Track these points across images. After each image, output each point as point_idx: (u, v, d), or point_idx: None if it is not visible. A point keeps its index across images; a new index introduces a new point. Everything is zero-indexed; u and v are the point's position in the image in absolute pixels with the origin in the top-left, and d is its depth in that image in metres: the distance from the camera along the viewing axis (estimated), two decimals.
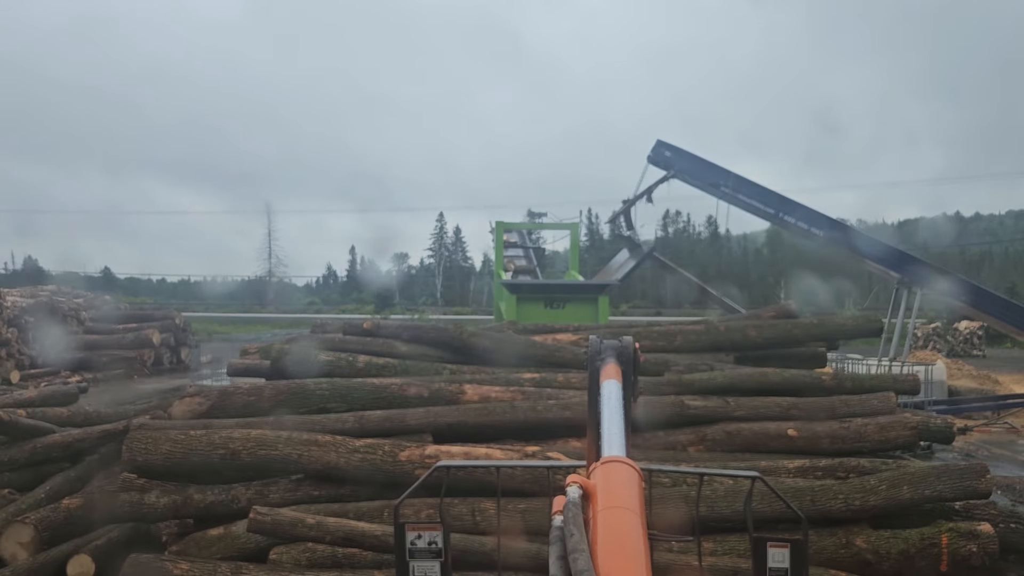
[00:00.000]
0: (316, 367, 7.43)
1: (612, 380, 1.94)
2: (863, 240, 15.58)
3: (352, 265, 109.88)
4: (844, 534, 5.15)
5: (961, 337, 36.96)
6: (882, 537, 5.12)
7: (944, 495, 5.09)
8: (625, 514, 1.48)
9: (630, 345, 2.03)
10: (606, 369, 2.00)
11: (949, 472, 5.13)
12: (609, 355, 2.02)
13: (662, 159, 14.98)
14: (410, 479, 5.49)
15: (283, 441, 5.60)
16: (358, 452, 5.55)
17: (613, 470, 1.63)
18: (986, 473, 5.12)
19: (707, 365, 7.60)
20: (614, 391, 1.91)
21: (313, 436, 5.66)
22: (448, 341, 7.94)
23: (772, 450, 6.35)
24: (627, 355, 2.01)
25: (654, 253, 16.37)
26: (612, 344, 2.05)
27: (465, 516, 5.25)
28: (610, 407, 1.87)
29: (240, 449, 5.60)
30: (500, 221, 17.98)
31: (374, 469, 5.50)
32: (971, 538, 5.00)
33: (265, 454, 5.58)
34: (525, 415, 6.32)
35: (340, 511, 5.41)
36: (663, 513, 5.06)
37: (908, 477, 5.11)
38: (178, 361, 24.24)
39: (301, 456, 5.55)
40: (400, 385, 6.84)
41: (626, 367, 2.00)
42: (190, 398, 6.83)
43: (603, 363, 2.03)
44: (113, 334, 22.90)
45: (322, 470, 5.57)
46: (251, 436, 5.65)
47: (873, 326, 8.49)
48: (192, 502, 5.71)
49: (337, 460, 5.53)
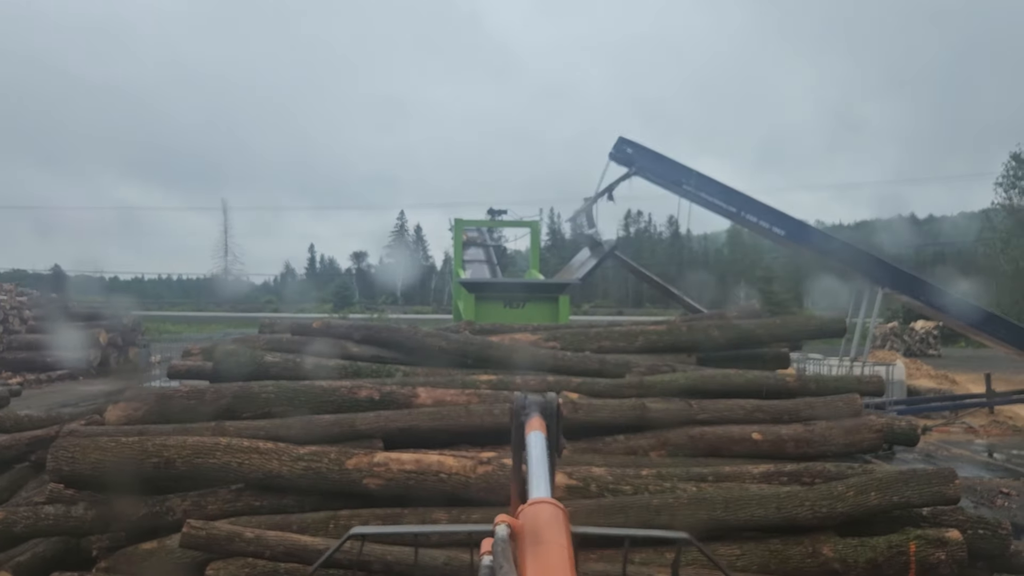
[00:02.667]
0: (262, 369, 7.08)
1: (537, 431, 2.00)
2: (825, 239, 15.56)
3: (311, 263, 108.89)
4: (811, 543, 4.95)
5: (917, 337, 37.53)
6: (849, 545, 4.93)
7: (912, 501, 4.91)
8: (553, 548, 1.52)
9: (554, 401, 2.11)
10: (530, 423, 2.06)
11: (917, 478, 4.96)
12: (533, 411, 2.09)
13: (624, 156, 14.79)
14: (357, 488, 5.19)
15: (222, 448, 5.25)
16: (302, 460, 5.22)
17: (540, 510, 1.66)
18: (954, 478, 4.96)
19: (669, 366, 7.38)
20: (539, 440, 1.97)
21: (254, 443, 5.31)
22: (402, 341, 7.62)
23: (736, 454, 6.15)
24: (551, 410, 2.09)
25: (616, 252, 16.15)
26: (536, 400, 2.11)
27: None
28: (535, 454, 1.92)
29: (175, 457, 5.23)
30: (459, 218, 17.70)
31: (319, 478, 5.18)
32: (939, 545, 4.83)
33: (202, 462, 5.22)
34: (481, 419, 6.04)
35: (283, 523, 5.08)
36: (624, 525, 4.84)
37: (875, 483, 4.92)
38: (126, 362, 23.58)
39: (241, 464, 5.21)
40: (350, 388, 6.51)
41: (550, 421, 2.06)
42: (125, 403, 6.44)
43: (527, 418, 2.08)
44: (56, 334, 22.19)
45: (263, 479, 5.24)
46: (187, 443, 5.29)
47: (837, 326, 8.35)
48: (123, 514, 5.34)
49: (279, 468, 5.20)
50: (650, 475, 5.46)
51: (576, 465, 5.62)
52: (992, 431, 14.47)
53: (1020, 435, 14.24)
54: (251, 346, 7.61)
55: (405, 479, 5.14)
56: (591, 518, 4.85)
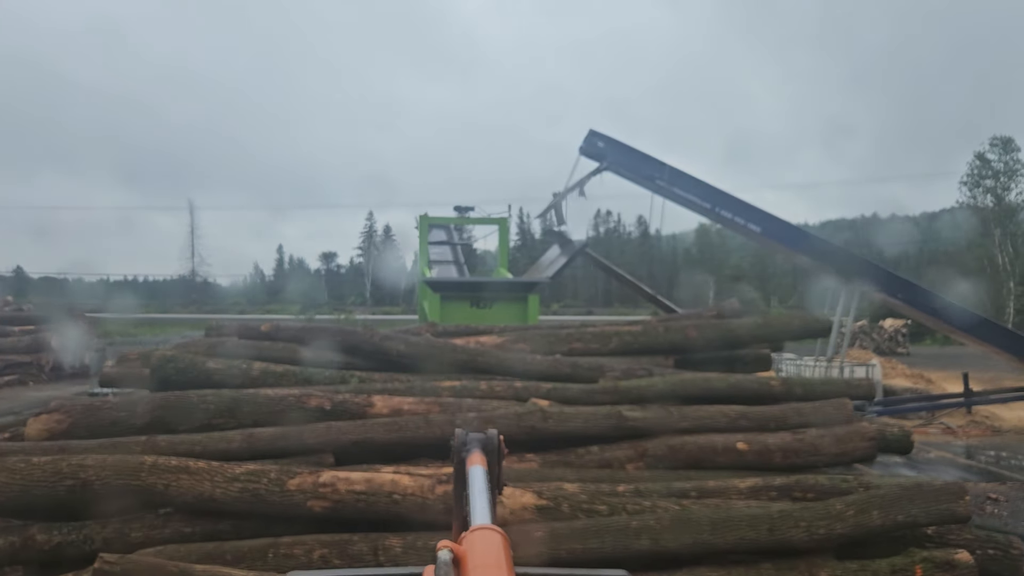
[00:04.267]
0: (204, 376, 6.47)
1: (478, 466, 2.07)
2: (801, 236, 15.20)
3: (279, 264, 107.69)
4: (806, 567, 4.48)
5: (886, 335, 37.51)
6: (848, 570, 4.47)
7: (919, 520, 4.45)
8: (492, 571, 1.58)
9: (495, 439, 2.17)
10: (471, 458, 2.13)
11: (923, 494, 4.48)
12: (475, 447, 2.17)
13: (595, 150, 14.28)
14: (301, 511, 4.63)
15: (147, 468, 4.64)
16: (238, 481, 4.63)
17: (481, 536, 1.70)
18: (964, 494, 4.51)
19: (646, 370, 6.88)
20: (480, 472, 2.04)
21: (183, 462, 4.71)
22: (357, 345, 7.04)
23: (720, 466, 5.66)
24: (492, 447, 2.16)
25: (586, 249, 15.66)
26: (478, 437, 2.18)
27: (367, 556, 4.40)
28: (476, 485, 1.98)
29: (94, 479, 4.62)
30: (424, 215, 17.10)
31: (257, 500, 4.60)
32: (948, 568, 4.39)
33: (124, 484, 4.61)
34: (442, 430, 5.48)
35: (215, 551, 4.49)
36: (601, 550, 4.34)
37: (878, 501, 4.45)
38: (82, 366, 22.65)
39: (168, 487, 4.60)
40: (299, 396, 5.94)
41: (491, 458, 2.13)
42: (47, 415, 5.81)
43: (468, 454, 2.15)
44: (8, 337, 21.26)
45: (194, 502, 4.64)
46: (108, 463, 4.68)
47: (821, 326, 7.92)
48: (35, 543, 4.73)
49: (212, 491, 4.61)
50: (627, 491, 4.96)
51: (546, 481, 5.10)
52: (971, 432, 14.19)
53: (999, 435, 13.97)
54: (193, 351, 6.99)
55: (355, 501, 4.59)
56: (563, 544, 4.33)
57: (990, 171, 55.30)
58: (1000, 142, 55.38)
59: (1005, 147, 55.22)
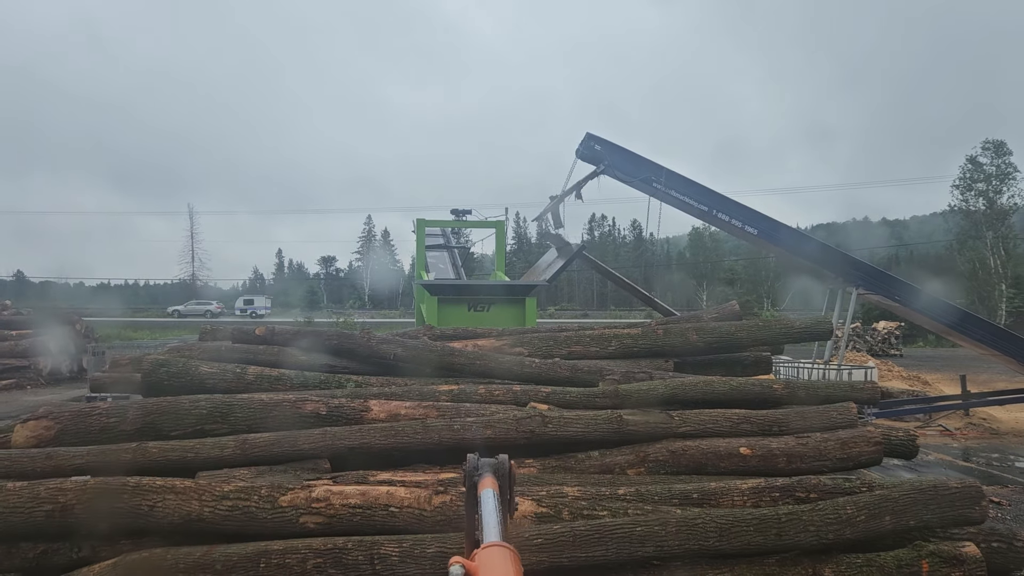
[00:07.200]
0: (197, 381, 6.36)
1: (489, 489, 2.15)
2: (800, 238, 15.11)
3: (279, 268, 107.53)
4: (811, 563, 4.39)
5: (879, 337, 37.44)
6: (854, 565, 4.37)
7: (932, 524, 4.35)
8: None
9: (506, 463, 2.27)
10: (483, 482, 2.22)
11: (939, 498, 4.38)
12: (486, 471, 2.26)
13: (591, 153, 14.17)
14: (293, 528, 4.49)
15: (130, 490, 4.50)
16: (227, 499, 4.49)
17: (492, 553, 1.75)
18: (982, 499, 4.41)
19: (646, 373, 6.78)
20: (492, 495, 2.12)
21: (169, 481, 4.56)
22: (353, 349, 6.92)
23: (722, 471, 5.56)
24: (503, 471, 2.25)
25: (584, 251, 15.52)
26: (489, 462, 2.28)
27: (363, 565, 4.28)
28: (488, 506, 2.05)
29: (73, 503, 4.49)
30: (421, 219, 16.95)
31: (248, 519, 4.46)
32: (955, 564, 4.29)
33: (106, 508, 4.46)
34: (440, 435, 5.38)
35: (204, 559, 4.35)
36: (607, 556, 4.23)
37: (890, 505, 4.34)
38: (79, 370, 22.44)
39: (154, 507, 4.46)
40: (293, 401, 5.82)
41: (502, 482, 2.22)
42: (35, 421, 5.68)
43: (480, 478, 2.25)
44: (5, 341, 21.07)
45: (182, 523, 4.48)
46: (88, 486, 4.54)
47: (824, 328, 7.80)
48: (20, 550, 4.62)
49: (200, 510, 4.46)
50: (629, 495, 4.85)
51: (546, 485, 5.00)
52: (968, 434, 14.12)
53: (997, 437, 13.90)
54: (186, 355, 6.87)
55: (349, 516, 4.47)
56: (565, 551, 4.22)
57: (982, 174, 55.50)
58: (992, 146, 55.63)
59: (997, 151, 55.46)
